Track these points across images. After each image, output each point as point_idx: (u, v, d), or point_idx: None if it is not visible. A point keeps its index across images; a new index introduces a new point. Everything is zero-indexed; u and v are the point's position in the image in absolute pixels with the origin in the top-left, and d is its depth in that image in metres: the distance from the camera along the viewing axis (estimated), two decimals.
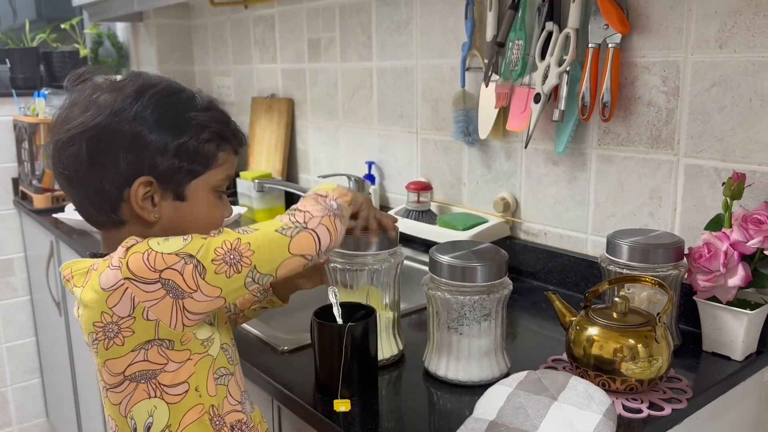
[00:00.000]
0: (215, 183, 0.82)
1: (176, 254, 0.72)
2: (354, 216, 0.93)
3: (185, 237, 0.74)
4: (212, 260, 0.73)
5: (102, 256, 0.78)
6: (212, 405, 0.79)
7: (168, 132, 0.77)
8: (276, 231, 0.77)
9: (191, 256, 0.72)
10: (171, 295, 0.71)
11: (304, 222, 0.79)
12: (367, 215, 0.95)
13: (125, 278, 0.71)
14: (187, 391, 0.77)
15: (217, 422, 0.80)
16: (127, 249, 0.73)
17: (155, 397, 0.76)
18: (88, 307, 0.73)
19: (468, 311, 0.92)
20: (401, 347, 1.04)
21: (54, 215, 2.06)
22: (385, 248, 0.99)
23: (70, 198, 0.81)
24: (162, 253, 0.72)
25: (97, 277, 0.73)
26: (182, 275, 0.71)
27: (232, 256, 0.74)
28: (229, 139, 0.83)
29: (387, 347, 1.01)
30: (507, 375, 0.93)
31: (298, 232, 0.78)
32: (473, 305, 0.91)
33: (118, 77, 0.81)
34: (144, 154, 0.76)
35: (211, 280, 0.72)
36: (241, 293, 0.76)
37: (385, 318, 1.01)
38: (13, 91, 2.37)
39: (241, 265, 0.74)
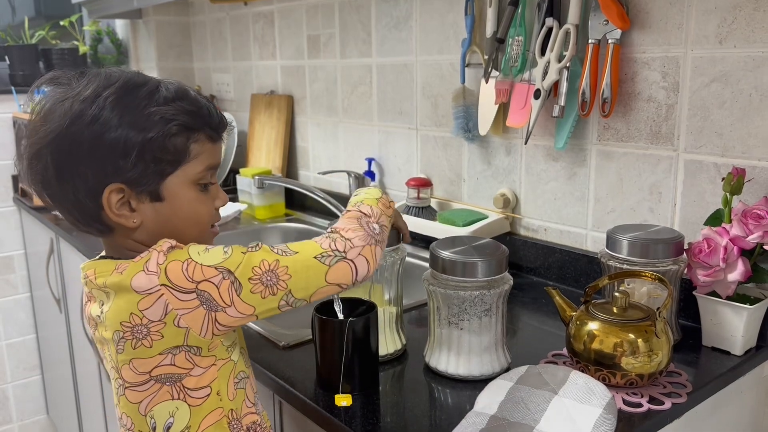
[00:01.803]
0: (194, 177, 0.78)
1: (215, 267, 0.72)
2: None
3: (226, 249, 0.74)
4: (249, 279, 0.72)
5: (113, 258, 0.77)
6: (231, 409, 0.79)
7: (128, 132, 0.73)
8: (315, 258, 0.76)
9: (230, 271, 0.72)
10: (205, 306, 0.71)
11: (344, 251, 0.77)
12: (404, 224, 0.96)
13: (162, 284, 0.71)
14: (209, 395, 0.77)
15: (235, 425, 0.80)
16: (166, 253, 0.72)
17: (178, 399, 0.75)
18: (116, 304, 0.73)
19: (468, 306, 0.92)
20: (404, 342, 1.05)
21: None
22: (388, 245, 0.99)
23: (56, 211, 0.79)
24: (202, 265, 0.71)
25: (129, 278, 0.72)
26: (218, 289, 0.71)
27: (269, 278, 0.73)
28: (201, 129, 0.78)
29: (390, 342, 1.02)
30: (507, 370, 0.93)
31: (337, 262, 0.76)
32: (474, 300, 0.91)
33: (82, 80, 0.77)
34: (106, 160, 0.73)
35: (246, 298, 0.72)
36: (273, 314, 0.75)
37: (388, 313, 1.02)
38: (13, 88, 2.37)
39: (277, 288, 0.73)
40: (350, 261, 0.77)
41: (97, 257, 0.81)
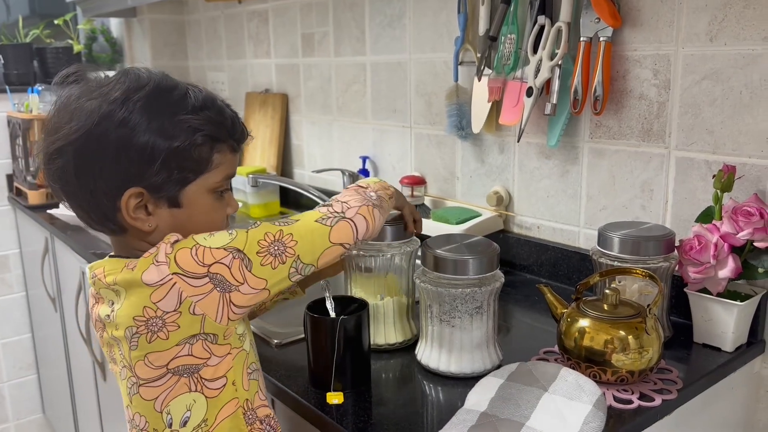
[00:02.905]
0: (212, 185, 0.79)
1: (224, 248, 0.73)
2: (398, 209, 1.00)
3: (230, 231, 0.75)
4: (257, 252, 0.74)
5: (120, 257, 0.77)
6: (246, 399, 0.80)
7: (156, 138, 0.73)
8: (316, 221, 0.79)
9: (239, 250, 0.73)
10: (218, 288, 0.72)
11: (342, 212, 0.81)
12: (411, 211, 1.00)
13: (173, 273, 0.71)
14: (225, 385, 0.77)
15: (250, 416, 0.80)
16: (173, 244, 0.73)
17: (195, 391, 0.76)
18: (129, 301, 0.73)
19: (460, 304, 0.92)
20: (415, 332, 1.07)
21: (48, 211, 2.06)
22: (401, 238, 1.02)
23: (70, 208, 0.79)
24: (210, 248, 0.72)
25: (139, 273, 0.72)
26: (230, 269, 0.72)
27: (276, 248, 0.75)
28: (225, 140, 0.79)
29: (399, 332, 1.05)
30: (499, 367, 0.93)
31: (337, 222, 0.80)
32: (465, 298, 0.92)
33: (110, 73, 0.78)
34: (131, 163, 0.73)
35: (257, 272, 0.73)
36: (284, 285, 0.77)
37: (398, 303, 1.04)
38: (7, 87, 2.37)
39: (286, 256, 0.75)
40: (349, 220, 0.81)
41: (106, 257, 0.81)
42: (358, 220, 0.81)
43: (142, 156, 0.73)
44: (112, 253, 0.82)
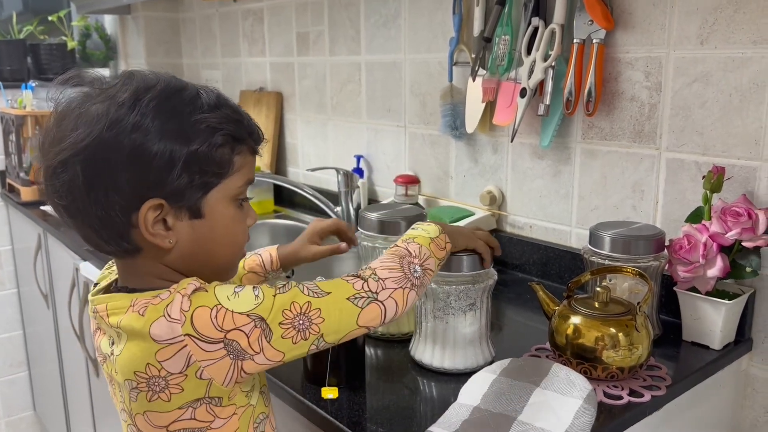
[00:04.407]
0: (235, 191, 0.73)
1: (248, 315, 0.66)
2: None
3: (256, 293, 0.68)
4: (280, 323, 0.67)
5: (128, 289, 0.72)
6: None
7: (174, 141, 0.67)
8: (348, 299, 0.72)
9: (262, 319, 0.67)
10: (231, 356, 0.66)
11: (376, 292, 0.74)
12: (488, 241, 0.94)
13: (186, 334, 0.65)
14: None
15: None
16: (190, 297, 0.66)
17: None
18: (130, 351, 0.67)
19: (453, 300, 0.93)
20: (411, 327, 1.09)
21: (42, 207, 2.06)
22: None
23: (72, 228, 0.71)
24: (233, 312, 0.66)
25: (147, 325, 0.66)
26: (248, 338, 0.66)
27: (301, 322, 0.68)
28: (245, 140, 0.73)
29: (405, 325, 1.08)
30: (491, 363, 0.94)
31: (369, 303, 0.73)
32: (459, 295, 0.93)
33: (109, 74, 0.73)
34: (148, 171, 0.66)
35: (276, 344, 0.67)
36: (300, 357, 0.71)
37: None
38: (0, 83, 2.36)
39: (310, 333, 0.69)
40: (380, 303, 0.74)
41: (108, 284, 0.76)
42: (389, 305, 0.74)
43: (159, 162, 0.67)
44: (116, 281, 0.76)
